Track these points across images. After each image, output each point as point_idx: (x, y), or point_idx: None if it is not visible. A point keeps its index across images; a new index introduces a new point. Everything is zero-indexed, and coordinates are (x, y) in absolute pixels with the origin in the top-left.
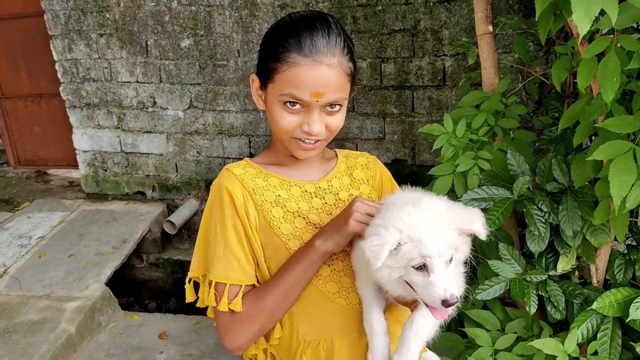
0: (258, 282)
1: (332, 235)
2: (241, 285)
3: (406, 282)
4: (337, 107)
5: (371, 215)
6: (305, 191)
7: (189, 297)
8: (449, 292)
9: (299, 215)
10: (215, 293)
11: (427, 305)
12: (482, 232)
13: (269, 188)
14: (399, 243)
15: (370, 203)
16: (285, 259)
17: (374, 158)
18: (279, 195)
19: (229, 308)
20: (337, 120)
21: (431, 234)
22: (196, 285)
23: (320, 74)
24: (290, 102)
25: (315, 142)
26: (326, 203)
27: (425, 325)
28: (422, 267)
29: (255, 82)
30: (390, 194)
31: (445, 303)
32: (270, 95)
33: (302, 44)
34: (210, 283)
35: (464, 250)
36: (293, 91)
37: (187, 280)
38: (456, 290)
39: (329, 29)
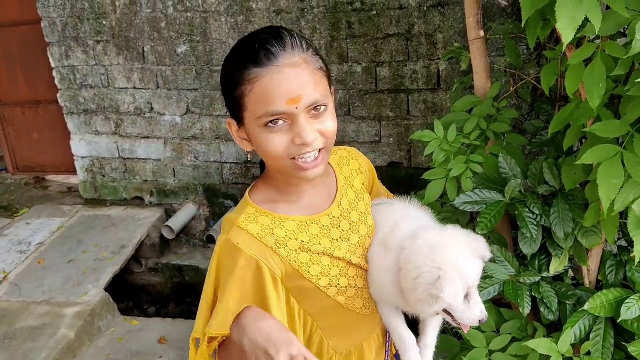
0: None
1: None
2: (219, 336)
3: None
4: (323, 109)
5: None
6: (323, 226)
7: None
8: (484, 312)
9: (324, 254)
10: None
11: (456, 323)
12: (489, 255)
13: (290, 236)
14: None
15: None
16: (319, 299)
17: (357, 153)
18: (302, 241)
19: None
20: (329, 123)
21: (471, 267)
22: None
23: (287, 77)
24: (271, 121)
25: (316, 157)
26: (343, 230)
27: (435, 332)
28: (465, 297)
29: (232, 125)
30: (371, 184)
31: (481, 322)
32: (250, 126)
33: (256, 56)
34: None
35: None
36: (268, 108)
37: (192, 339)
38: (485, 310)
39: (280, 34)
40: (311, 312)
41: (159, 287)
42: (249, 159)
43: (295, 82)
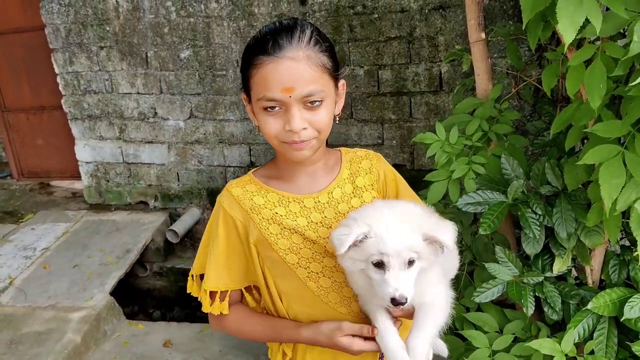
0: (254, 287)
1: (320, 342)
2: (228, 290)
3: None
4: (318, 103)
5: None
6: (304, 206)
7: (190, 288)
8: (399, 292)
9: (296, 232)
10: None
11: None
12: (449, 244)
13: (267, 206)
14: (365, 236)
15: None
16: (284, 272)
17: (378, 158)
18: (276, 213)
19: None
20: (320, 116)
21: (393, 234)
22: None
23: (286, 68)
24: (269, 106)
25: (302, 141)
26: (325, 217)
27: (437, 314)
28: (381, 265)
29: (245, 100)
30: (394, 193)
31: (394, 302)
32: (254, 105)
33: (266, 45)
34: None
35: (429, 259)
36: (266, 93)
37: (190, 275)
38: (407, 292)
39: (294, 27)
40: (285, 291)
41: (163, 291)
42: (257, 132)
43: (292, 73)
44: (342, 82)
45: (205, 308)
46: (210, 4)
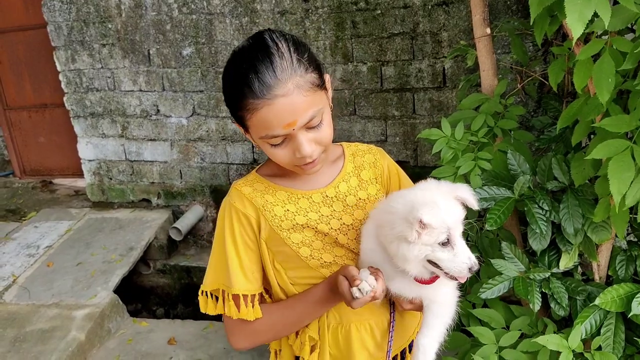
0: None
1: (329, 291)
2: (255, 295)
3: (428, 262)
4: (318, 121)
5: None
6: (313, 201)
7: (204, 307)
8: (472, 259)
9: (308, 227)
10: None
11: (448, 277)
12: (474, 202)
13: (278, 203)
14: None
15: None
16: (297, 264)
17: (380, 152)
18: (287, 210)
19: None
20: (324, 132)
21: (451, 208)
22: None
23: (281, 106)
24: (274, 144)
25: (314, 159)
26: (334, 210)
27: (446, 314)
28: (447, 243)
29: (240, 128)
30: (397, 186)
31: (470, 270)
32: (255, 137)
33: (252, 87)
34: (229, 295)
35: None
36: (267, 132)
37: (200, 292)
38: (474, 257)
39: (270, 54)
40: (298, 282)
41: (167, 288)
42: (257, 152)
43: (289, 110)
44: (327, 78)
45: (234, 314)
46: (212, 1)
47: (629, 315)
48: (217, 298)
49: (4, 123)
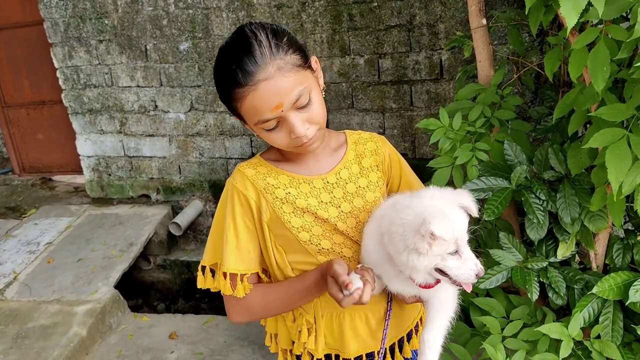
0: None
1: (319, 279)
2: (248, 273)
3: (435, 270)
4: (306, 100)
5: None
6: (314, 187)
7: (201, 283)
8: (478, 265)
9: (308, 211)
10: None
11: (455, 283)
12: (475, 210)
13: (280, 186)
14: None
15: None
16: (296, 249)
17: (382, 140)
18: (288, 193)
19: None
20: (315, 110)
21: (457, 217)
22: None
23: (265, 90)
24: (268, 128)
25: (310, 139)
26: (334, 197)
27: (449, 308)
28: (455, 252)
29: (238, 119)
30: (398, 174)
31: (477, 276)
32: (251, 126)
33: (236, 77)
34: (224, 274)
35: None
36: (258, 117)
37: (199, 267)
38: (480, 263)
39: (249, 44)
40: (296, 267)
41: (167, 283)
42: (255, 146)
43: (272, 92)
44: (313, 59)
45: (227, 291)
46: None
47: (627, 303)
48: (213, 273)
49: (3, 121)
